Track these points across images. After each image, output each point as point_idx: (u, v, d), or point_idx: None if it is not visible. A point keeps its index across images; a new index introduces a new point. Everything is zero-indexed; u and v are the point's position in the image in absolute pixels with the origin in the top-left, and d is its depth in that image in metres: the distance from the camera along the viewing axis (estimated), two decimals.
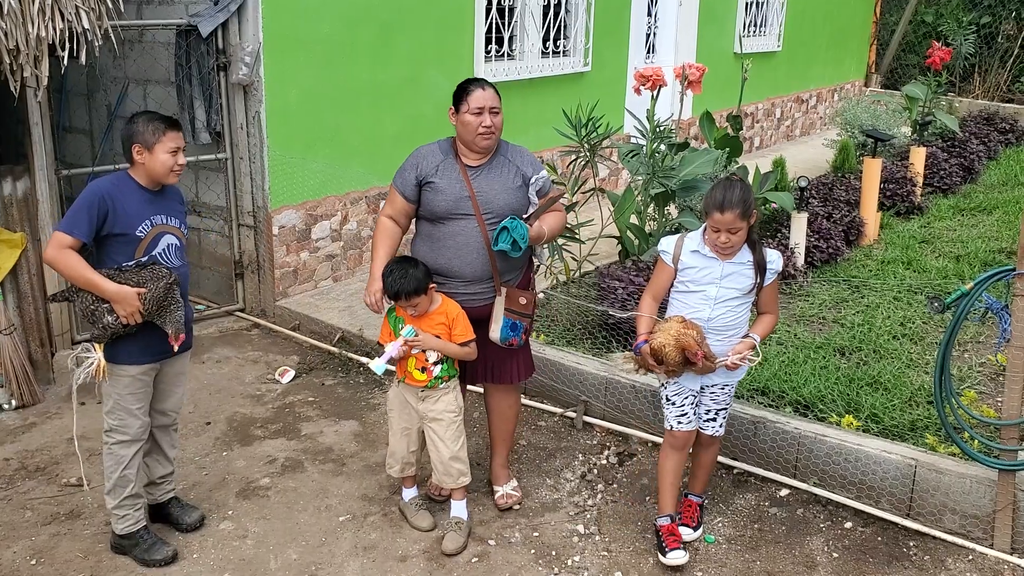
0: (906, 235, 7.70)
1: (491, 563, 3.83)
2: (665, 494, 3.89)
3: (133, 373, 3.66)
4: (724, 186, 3.58)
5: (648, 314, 3.79)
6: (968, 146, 10.05)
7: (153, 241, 3.61)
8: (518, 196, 3.87)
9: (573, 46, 8.45)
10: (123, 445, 3.71)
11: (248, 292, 6.44)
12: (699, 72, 6.12)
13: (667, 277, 3.77)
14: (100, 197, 3.51)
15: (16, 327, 5.09)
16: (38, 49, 4.47)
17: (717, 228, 3.56)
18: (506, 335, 3.89)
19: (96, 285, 3.48)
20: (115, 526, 3.81)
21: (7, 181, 5.03)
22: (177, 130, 3.61)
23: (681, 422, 3.82)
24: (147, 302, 3.50)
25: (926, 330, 5.72)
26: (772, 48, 11.81)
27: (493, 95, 3.82)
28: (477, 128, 3.78)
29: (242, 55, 5.80)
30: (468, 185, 3.81)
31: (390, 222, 3.98)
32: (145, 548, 3.78)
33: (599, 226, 6.12)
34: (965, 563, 3.84)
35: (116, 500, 3.75)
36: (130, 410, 3.69)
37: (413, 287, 3.70)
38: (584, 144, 5.78)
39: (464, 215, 3.81)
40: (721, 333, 3.68)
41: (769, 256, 3.71)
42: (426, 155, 3.90)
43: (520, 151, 3.97)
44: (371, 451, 4.65)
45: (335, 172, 6.40)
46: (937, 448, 4.21)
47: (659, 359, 3.63)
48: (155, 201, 3.64)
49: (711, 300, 3.66)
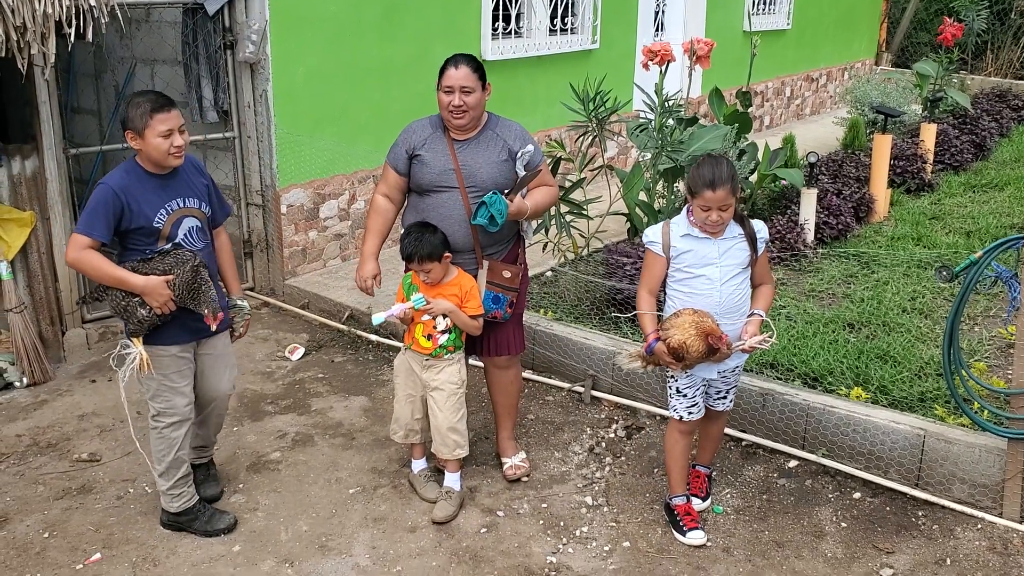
0: (916, 212, 7.66)
1: (500, 533, 3.85)
2: (676, 475, 3.89)
3: (173, 352, 3.62)
4: (711, 163, 3.49)
5: (649, 310, 3.70)
6: (980, 123, 9.97)
7: (174, 227, 3.54)
8: (503, 170, 3.87)
9: (581, 23, 8.41)
10: (173, 427, 3.67)
11: (257, 271, 6.45)
12: (707, 47, 6.08)
13: (660, 268, 3.69)
14: (113, 194, 3.42)
15: (26, 305, 5.12)
16: (44, 26, 4.47)
17: (708, 207, 3.48)
18: (488, 307, 3.91)
19: (123, 281, 3.42)
20: (168, 505, 3.78)
21: (16, 160, 5.05)
22: (166, 110, 3.42)
23: (692, 412, 3.79)
24: (176, 288, 3.44)
25: (935, 304, 5.70)
26: (781, 26, 11.74)
27: (467, 74, 3.77)
28: (447, 107, 3.79)
29: (248, 33, 5.80)
30: (453, 158, 3.83)
31: (383, 200, 4.01)
32: (206, 520, 3.79)
33: (607, 203, 6.10)
34: (974, 532, 3.84)
35: (170, 481, 3.73)
36: (175, 388, 3.65)
37: (427, 252, 3.71)
38: (592, 119, 5.76)
39: (448, 187, 3.83)
40: (731, 315, 3.61)
41: (756, 226, 3.67)
42: (416, 129, 3.94)
43: (509, 125, 3.96)
44: (380, 426, 4.67)
45: (343, 151, 6.40)
46: (946, 419, 4.20)
47: (679, 356, 3.54)
48: (168, 185, 3.53)
49: (716, 282, 3.58)
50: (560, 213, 5.67)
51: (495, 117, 3.97)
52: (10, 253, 5.03)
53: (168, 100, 3.48)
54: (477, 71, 3.80)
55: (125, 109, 3.47)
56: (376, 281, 4.01)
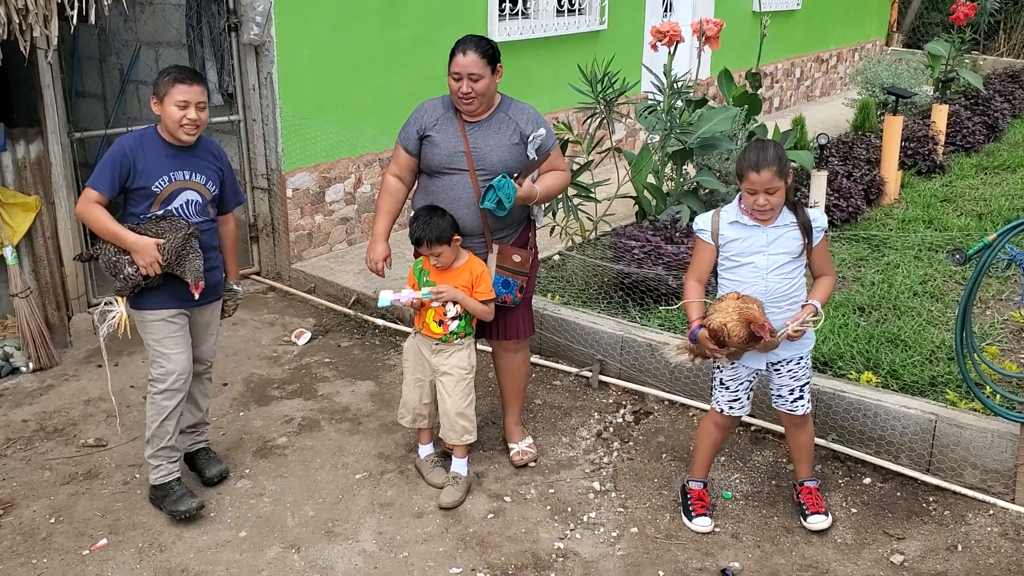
0: (927, 194, 7.58)
1: (507, 519, 3.83)
2: (699, 460, 3.85)
3: (163, 316, 3.69)
4: (757, 147, 3.42)
5: (696, 298, 3.60)
6: (992, 104, 9.86)
7: (170, 196, 3.64)
8: (514, 154, 3.82)
9: (589, 4, 8.33)
10: (165, 395, 3.72)
11: (263, 255, 6.43)
12: (717, 27, 6.00)
13: (709, 256, 3.60)
14: (123, 152, 3.57)
15: (32, 290, 5.10)
16: (47, 8, 4.43)
17: (754, 190, 3.40)
18: (498, 291, 3.87)
19: (117, 236, 3.56)
20: (150, 476, 3.85)
21: (20, 144, 5.02)
22: (189, 83, 3.56)
23: (733, 407, 3.72)
24: (165, 252, 3.54)
25: (947, 288, 5.64)
26: (792, 6, 11.61)
27: (475, 60, 3.70)
28: (456, 93, 3.76)
29: (253, 15, 5.75)
30: (464, 140, 3.79)
31: (395, 180, 3.98)
32: (174, 500, 3.80)
33: (615, 186, 6.05)
34: (986, 518, 3.80)
35: (152, 449, 3.78)
36: (168, 355, 3.69)
37: (435, 235, 3.68)
38: (600, 101, 5.70)
39: (458, 170, 3.80)
40: (779, 304, 3.51)
41: (812, 215, 3.54)
42: (428, 109, 3.90)
43: (522, 108, 3.90)
44: (387, 411, 4.65)
45: (348, 134, 6.36)
46: (958, 404, 4.15)
47: (720, 341, 3.43)
48: (179, 156, 3.65)
49: (763, 271, 3.49)
50: (568, 196, 5.63)
51: (508, 99, 3.91)
52: (15, 238, 5.01)
53: (196, 76, 3.64)
54: (486, 56, 3.73)
55: (158, 74, 3.65)
56: (387, 262, 3.97)
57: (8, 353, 5.04)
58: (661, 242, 5.35)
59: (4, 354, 5.03)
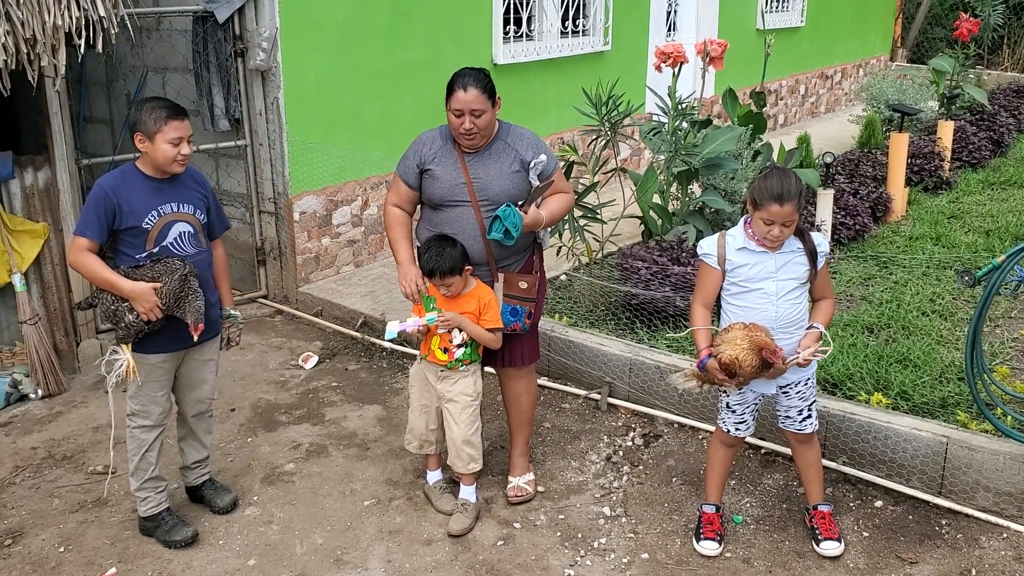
0: (934, 210, 7.57)
1: (517, 546, 3.81)
2: (710, 482, 3.85)
3: (154, 362, 3.67)
4: (779, 176, 3.34)
5: (704, 325, 3.58)
6: (997, 119, 9.85)
7: (162, 231, 3.57)
8: (516, 182, 3.79)
9: (593, 25, 8.36)
10: (144, 430, 3.75)
11: (270, 279, 6.44)
12: (721, 48, 6.02)
13: (715, 281, 3.57)
14: (105, 194, 3.49)
15: (40, 317, 5.11)
16: (55, 38, 4.46)
17: (772, 220, 3.35)
18: (507, 320, 3.86)
19: (113, 284, 3.49)
20: (139, 508, 3.85)
21: (28, 171, 5.04)
22: (180, 119, 3.52)
23: (739, 429, 3.72)
24: (164, 296, 3.49)
25: (956, 306, 5.62)
26: (795, 24, 11.64)
27: (476, 96, 3.64)
28: (458, 129, 3.71)
29: (259, 40, 5.78)
30: (465, 172, 3.76)
31: (398, 210, 3.94)
32: (167, 530, 3.80)
33: (621, 206, 6.06)
34: (999, 541, 3.77)
35: (138, 482, 3.79)
36: (152, 397, 3.72)
37: (448, 266, 3.66)
38: (605, 123, 5.71)
39: (460, 202, 3.76)
40: (788, 329, 3.50)
41: (816, 239, 3.52)
42: (426, 142, 3.86)
43: (521, 134, 3.86)
44: (395, 435, 4.63)
45: (354, 157, 6.38)
46: (969, 425, 4.13)
47: (731, 372, 3.43)
48: (163, 190, 3.58)
49: (773, 296, 3.47)
50: (574, 217, 5.63)
51: (506, 125, 3.88)
52: (24, 265, 5.03)
53: (183, 109, 3.58)
54: (487, 90, 3.68)
55: (137, 112, 3.53)
56: (424, 280, 3.85)
57: (17, 380, 5.04)
58: (668, 262, 5.35)
59: (13, 381, 5.03)
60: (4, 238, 4.95)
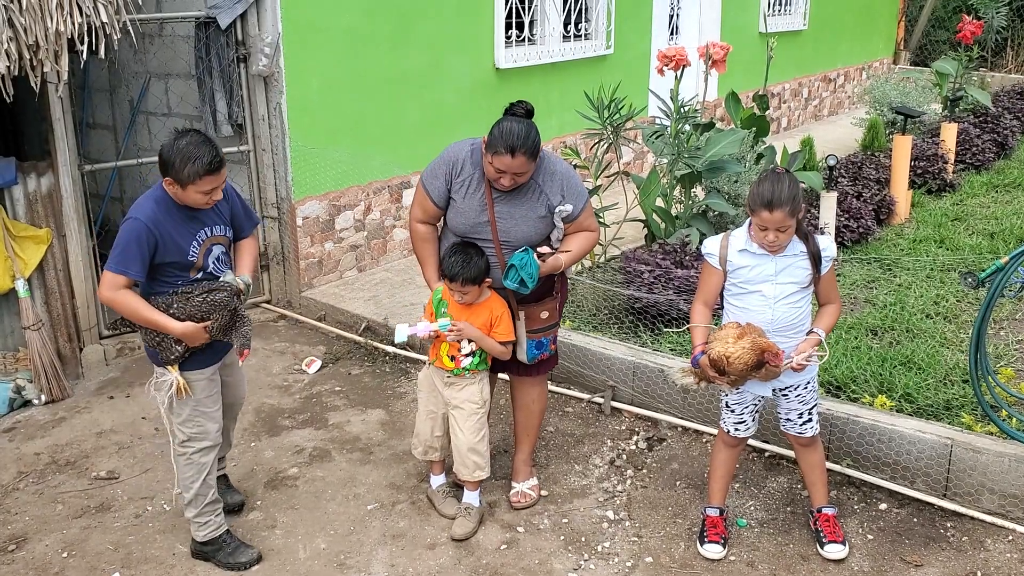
0: (938, 213, 7.56)
1: (520, 550, 3.80)
2: (713, 484, 3.84)
3: (207, 375, 3.60)
4: (772, 180, 3.32)
5: (702, 323, 3.58)
6: (1001, 121, 9.85)
7: (204, 257, 3.50)
8: (540, 228, 3.68)
9: (595, 29, 8.37)
10: (203, 452, 3.62)
11: (274, 284, 6.44)
12: (723, 51, 6.02)
13: (717, 281, 3.58)
14: (147, 228, 3.31)
15: (44, 323, 5.12)
16: (57, 44, 4.46)
17: (764, 226, 3.35)
18: (533, 355, 3.85)
19: (159, 324, 3.38)
20: (196, 533, 3.72)
21: (31, 177, 5.05)
22: (216, 173, 3.31)
23: (739, 429, 3.72)
24: (214, 332, 3.44)
25: (960, 308, 5.61)
26: (798, 27, 11.64)
27: (523, 163, 3.47)
28: (495, 179, 3.57)
29: (262, 46, 5.79)
30: (490, 209, 3.63)
31: (423, 227, 3.81)
32: (229, 552, 3.71)
33: (624, 209, 6.05)
34: (1005, 544, 3.76)
35: (198, 508, 3.67)
36: (208, 414, 3.62)
37: (472, 275, 3.63)
38: (607, 126, 5.71)
39: (481, 239, 3.69)
40: (785, 333, 3.49)
41: (822, 244, 3.50)
42: (458, 162, 3.67)
43: (553, 172, 3.67)
44: (398, 440, 4.63)
45: (357, 162, 6.38)
46: (974, 427, 4.11)
47: (720, 369, 3.43)
48: (195, 216, 3.45)
49: (770, 300, 3.47)
50: None
51: (540, 158, 3.62)
52: (27, 271, 5.03)
53: (220, 160, 3.33)
54: (534, 155, 3.50)
55: (171, 152, 3.26)
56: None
57: (20, 386, 5.04)
58: (671, 266, 5.34)
59: (16, 387, 5.03)
60: (7, 244, 4.96)
